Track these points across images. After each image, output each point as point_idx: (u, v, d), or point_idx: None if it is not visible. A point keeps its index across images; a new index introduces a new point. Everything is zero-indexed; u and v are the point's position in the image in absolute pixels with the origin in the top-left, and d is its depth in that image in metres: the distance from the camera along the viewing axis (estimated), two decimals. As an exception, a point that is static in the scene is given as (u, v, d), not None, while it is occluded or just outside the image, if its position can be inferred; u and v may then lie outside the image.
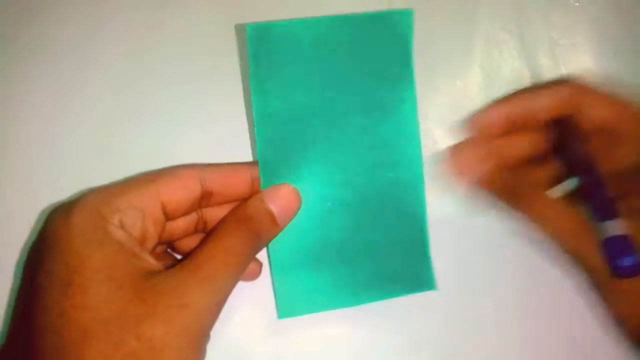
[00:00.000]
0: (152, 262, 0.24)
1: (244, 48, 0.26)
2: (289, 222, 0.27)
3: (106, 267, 0.23)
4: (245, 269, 0.25)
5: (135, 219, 0.24)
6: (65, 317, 0.22)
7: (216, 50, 0.35)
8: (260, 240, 0.26)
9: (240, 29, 0.31)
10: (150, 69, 0.35)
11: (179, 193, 0.25)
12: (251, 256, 0.26)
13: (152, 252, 0.25)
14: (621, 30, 0.37)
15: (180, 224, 0.27)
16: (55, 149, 0.33)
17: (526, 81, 0.36)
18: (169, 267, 0.24)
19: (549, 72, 0.36)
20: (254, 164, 0.28)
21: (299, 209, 0.27)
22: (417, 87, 0.35)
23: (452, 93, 0.36)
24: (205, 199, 0.26)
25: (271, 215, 0.26)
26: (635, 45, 0.37)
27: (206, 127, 0.34)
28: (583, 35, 0.37)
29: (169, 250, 0.30)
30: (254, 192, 0.27)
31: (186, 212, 0.26)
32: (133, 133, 0.34)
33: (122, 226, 0.24)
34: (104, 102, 0.34)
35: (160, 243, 0.26)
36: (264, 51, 0.26)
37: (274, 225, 0.26)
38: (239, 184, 0.27)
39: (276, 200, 0.26)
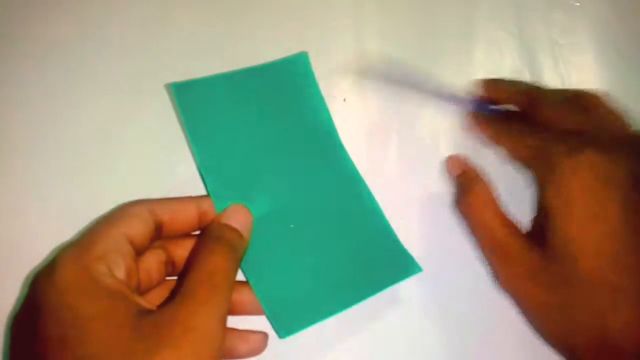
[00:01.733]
0: (143, 302, 0.24)
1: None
2: (250, 233, 0.29)
3: (101, 314, 0.22)
4: (233, 283, 0.26)
5: (117, 261, 0.24)
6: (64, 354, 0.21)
7: (215, 48, 0.35)
8: (235, 252, 0.27)
9: (167, 88, 0.34)
10: (150, 69, 0.35)
11: (140, 228, 0.26)
12: (234, 270, 0.26)
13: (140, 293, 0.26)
14: (621, 30, 0.37)
15: (152, 265, 0.28)
16: (54, 148, 0.33)
17: (526, 80, 0.36)
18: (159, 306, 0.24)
19: (549, 71, 0.36)
20: (200, 197, 0.29)
21: (252, 220, 0.29)
22: (419, 88, 0.35)
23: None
24: (158, 232, 0.27)
25: (235, 230, 0.28)
26: (635, 44, 0.36)
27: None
28: (583, 35, 0.37)
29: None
30: (201, 223, 0.29)
31: (148, 244, 0.27)
32: (135, 132, 0.34)
33: (108, 272, 0.24)
34: (102, 105, 0.34)
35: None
36: (189, 104, 0.30)
37: (241, 238, 0.28)
38: (187, 215, 0.28)
39: (233, 217, 0.28)
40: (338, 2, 0.37)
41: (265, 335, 0.29)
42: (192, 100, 0.30)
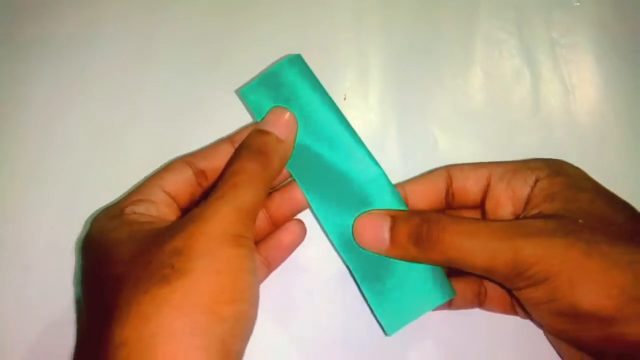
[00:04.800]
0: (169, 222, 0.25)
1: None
2: (292, 135, 0.29)
3: (128, 235, 0.24)
4: (262, 184, 0.26)
5: (147, 206, 0.26)
6: (101, 280, 0.23)
7: (213, 49, 0.35)
8: (266, 155, 0.27)
9: (237, 93, 0.35)
10: (150, 69, 0.35)
11: (176, 180, 0.28)
12: (262, 171, 0.26)
13: None
14: (622, 30, 0.37)
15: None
16: (53, 148, 0.33)
17: (526, 80, 0.36)
18: None
19: (549, 71, 0.36)
20: (234, 133, 0.30)
21: (293, 121, 0.29)
22: (420, 87, 0.36)
23: (453, 93, 0.36)
24: (201, 178, 0.28)
25: (267, 133, 0.28)
26: (635, 44, 0.36)
27: (206, 126, 0.34)
28: (583, 35, 0.37)
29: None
30: None
31: (193, 195, 0.28)
32: (132, 132, 0.34)
33: (134, 213, 0.26)
34: (104, 102, 0.34)
35: None
36: (260, 104, 0.30)
37: (277, 141, 0.28)
38: (224, 156, 0.29)
39: (269, 122, 0.28)
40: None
41: (302, 222, 0.30)
42: (261, 99, 0.30)
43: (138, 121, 0.34)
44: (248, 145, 0.27)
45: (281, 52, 0.36)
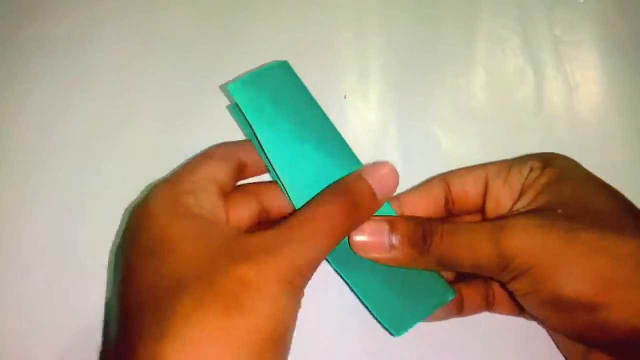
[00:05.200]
0: (229, 228, 0.25)
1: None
2: (388, 197, 0.27)
3: (191, 232, 0.23)
4: (340, 241, 0.25)
5: (204, 197, 0.25)
6: (157, 273, 0.22)
7: (212, 49, 0.35)
8: (358, 211, 0.26)
9: (223, 89, 0.34)
10: (151, 67, 0.35)
11: (223, 169, 0.27)
12: (349, 228, 0.26)
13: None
14: (625, 28, 0.36)
15: (244, 214, 0.28)
16: (53, 147, 0.33)
17: (530, 79, 0.36)
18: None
19: (553, 69, 0.36)
20: None
21: (396, 185, 0.27)
22: (420, 87, 0.35)
23: (455, 92, 0.35)
24: (241, 172, 0.28)
25: (369, 187, 0.26)
26: (639, 42, 0.36)
27: (206, 126, 0.34)
28: (587, 33, 0.37)
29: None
30: None
31: (234, 185, 0.28)
32: (132, 132, 0.34)
33: (196, 203, 0.25)
34: (103, 101, 0.34)
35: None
36: (250, 100, 0.28)
37: (373, 199, 0.27)
38: None
39: (374, 175, 0.27)
40: (339, -1, 0.37)
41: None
42: (251, 96, 0.28)
43: (137, 121, 0.34)
44: (348, 191, 0.26)
45: (281, 52, 0.35)
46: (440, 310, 0.28)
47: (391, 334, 0.27)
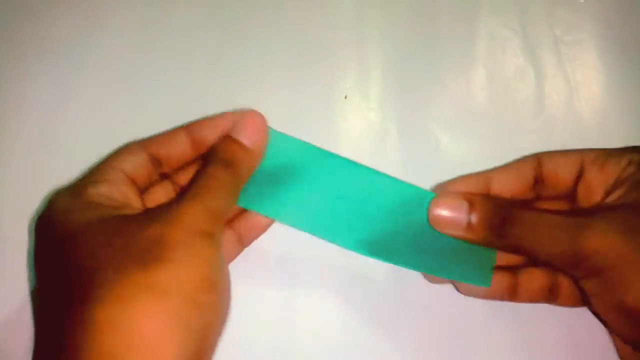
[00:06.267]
0: (138, 209, 0.26)
1: None
2: (261, 141, 0.28)
3: (95, 219, 0.23)
4: (234, 196, 0.26)
5: (109, 188, 0.26)
6: (67, 260, 0.23)
7: (212, 49, 0.35)
8: (236, 167, 0.27)
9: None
10: (150, 67, 0.35)
11: (133, 162, 0.27)
12: (234, 183, 0.26)
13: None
14: (626, 27, 0.36)
15: (160, 197, 0.29)
16: (53, 147, 0.33)
17: (530, 79, 0.36)
18: None
19: (553, 69, 0.36)
20: (190, 123, 0.29)
21: (263, 126, 0.28)
22: (420, 87, 0.35)
23: (455, 92, 0.35)
24: (156, 166, 0.28)
25: (237, 142, 0.27)
26: (639, 42, 0.36)
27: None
28: (587, 32, 0.37)
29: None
30: (199, 150, 0.28)
31: (149, 178, 0.28)
32: (132, 132, 0.33)
33: (97, 194, 0.25)
34: (103, 101, 0.34)
35: None
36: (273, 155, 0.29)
37: (246, 152, 0.27)
38: (179, 143, 0.28)
39: (238, 130, 0.28)
40: (339, -2, 0.37)
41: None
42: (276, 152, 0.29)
43: (137, 121, 0.34)
44: (217, 154, 0.27)
45: (281, 52, 0.35)
46: (486, 290, 0.28)
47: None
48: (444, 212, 0.27)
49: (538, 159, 0.29)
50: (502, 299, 0.29)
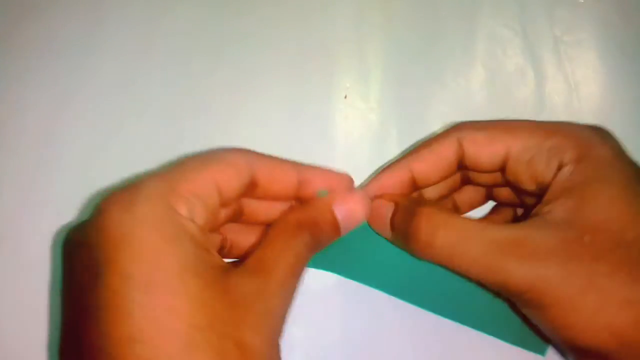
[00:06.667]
0: (218, 256, 0.22)
1: None
2: (350, 229, 0.25)
3: (189, 264, 0.20)
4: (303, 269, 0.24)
5: (200, 208, 0.21)
6: (158, 323, 0.18)
7: (213, 48, 0.35)
8: (320, 247, 0.24)
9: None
10: (150, 67, 0.35)
11: (233, 180, 0.22)
12: (309, 258, 0.24)
13: None
14: (625, 27, 0.36)
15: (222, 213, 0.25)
16: (55, 148, 0.33)
17: (530, 78, 0.36)
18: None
19: (553, 69, 0.36)
20: (300, 164, 0.25)
21: (362, 220, 0.26)
22: (420, 86, 0.35)
23: (455, 91, 0.35)
24: (250, 189, 0.24)
25: (335, 223, 0.25)
26: (639, 42, 0.36)
27: (208, 123, 0.34)
28: (587, 32, 0.37)
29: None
30: (299, 192, 0.25)
31: (234, 201, 0.24)
32: (134, 131, 0.34)
33: (191, 218, 0.21)
34: (103, 101, 0.34)
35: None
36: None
37: (336, 233, 0.25)
38: (285, 181, 0.24)
39: (342, 209, 0.25)
40: (340, -2, 0.37)
41: None
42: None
43: (139, 120, 0.34)
44: (315, 224, 0.24)
45: (282, 52, 0.35)
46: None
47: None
48: (373, 215, 0.26)
49: (458, 142, 0.26)
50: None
